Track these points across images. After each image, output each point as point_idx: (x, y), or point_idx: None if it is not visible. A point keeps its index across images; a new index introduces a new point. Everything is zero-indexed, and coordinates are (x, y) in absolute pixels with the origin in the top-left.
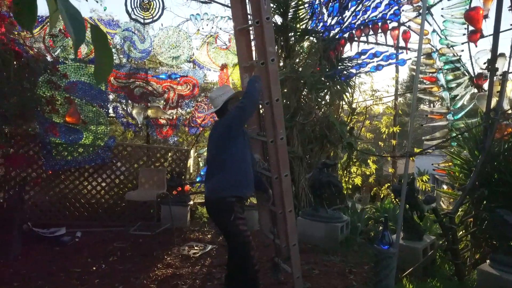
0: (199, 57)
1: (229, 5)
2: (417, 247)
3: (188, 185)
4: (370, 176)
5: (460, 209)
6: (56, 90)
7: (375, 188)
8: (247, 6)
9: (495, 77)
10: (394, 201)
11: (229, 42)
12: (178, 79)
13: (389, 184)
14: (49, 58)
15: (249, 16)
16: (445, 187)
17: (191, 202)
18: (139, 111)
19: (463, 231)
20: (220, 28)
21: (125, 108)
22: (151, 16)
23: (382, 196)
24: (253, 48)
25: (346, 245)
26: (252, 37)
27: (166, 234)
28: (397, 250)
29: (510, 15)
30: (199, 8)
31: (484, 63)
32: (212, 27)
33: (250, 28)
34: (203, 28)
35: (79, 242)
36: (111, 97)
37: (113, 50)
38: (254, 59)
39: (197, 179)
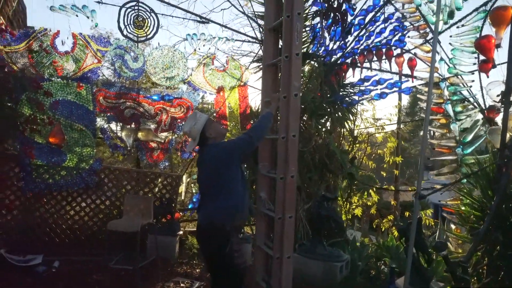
0: (194, 78)
1: (227, 25)
2: None
3: (178, 213)
4: (372, 206)
5: None
6: (38, 109)
7: (376, 220)
8: (279, 42)
9: (509, 111)
10: (399, 241)
11: (226, 64)
12: (172, 100)
13: (391, 217)
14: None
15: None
16: (453, 227)
17: (181, 232)
18: (128, 133)
19: (475, 280)
20: (218, 49)
21: (113, 130)
22: (145, 34)
23: (383, 228)
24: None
25: (345, 286)
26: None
27: (151, 267)
28: None
29: None
30: (196, 27)
31: (498, 95)
32: (209, 48)
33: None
34: (199, 49)
35: (55, 272)
36: (99, 118)
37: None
38: None
39: (189, 206)
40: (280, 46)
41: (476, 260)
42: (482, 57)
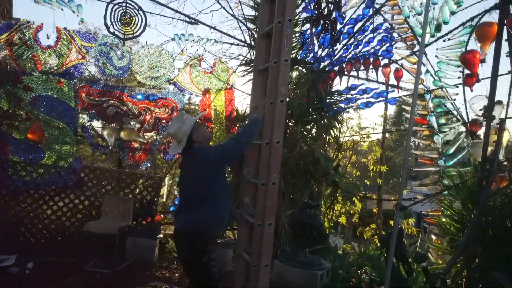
0: (180, 79)
1: (216, 27)
2: None
3: (159, 215)
4: (355, 214)
5: None
6: (16, 104)
7: (359, 228)
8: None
9: (491, 125)
10: (380, 251)
11: (214, 66)
12: (157, 101)
13: (374, 226)
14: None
15: None
16: (433, 237)
17: (161, 235)
18: (110, 132)
19: None
20: (206, 51)
21: (95, 128)
22: (132, 32)
23: (365, 237)
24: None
25: None
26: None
27: (129, 270)
28: None
29: (508, 61)
30: (184, 28)
31: (480, 110)
32: (197, 49)
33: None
34: (187, 49)
35: (28, 274)
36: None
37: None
38: None
39: (171, 209)
40: None
41: (455, 272)
42: (466, 71)
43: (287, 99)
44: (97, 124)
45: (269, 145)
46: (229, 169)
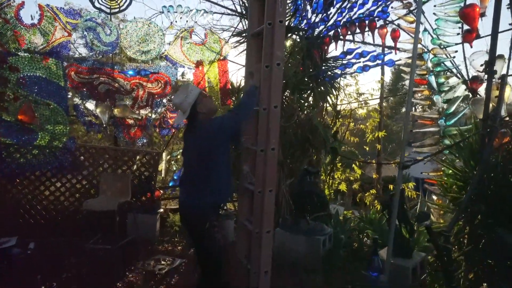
0: (171, 52)
1: None
2: (407, 265)
3: (158, 191)
4: (355, 181)
5: None
6: (2, 85)
7: (359, 194)
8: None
9: (493, 81)
10: (381, 213)
11: (205, 37)
12: (149, 75)
13: (374, 191)
14: None
15: None
16: (434, 197)
17: (161, 210)
18: (103, 109)
19: (456, 248)
20: (196, 22)
21: (87, 107)
22: (118, 6)
23: (366, 203)
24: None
25: (328, 261)
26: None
27: (130, 246)
28: (387, 279)
29: (509, 14)
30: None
31: (481, 65)
32: (187, 21)
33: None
34: (176, 22)
35: (30, 255)
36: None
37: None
38: None
39: (170, 184)
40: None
41: (458, 230)
42: (466, 27)
43: (283, 64)
44: (89, 105)
45: (267, 111)
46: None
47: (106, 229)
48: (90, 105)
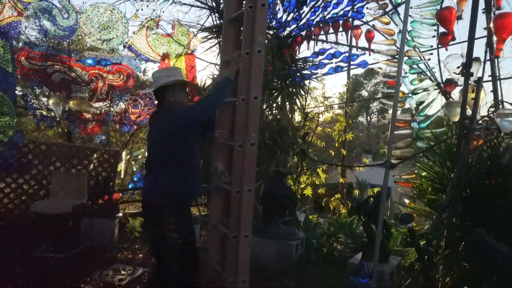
0: (136, 42)
1: None
2: (384, 270)
3: (117, 193)
4: (320, 186)
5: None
6: None
7: (325, 199)
8: None
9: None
10: (352, 218)
11: (172, 29)
12: (110, 66)
13: (339, 196)
14: None
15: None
16: (407, 201)
17: (120, 214)
18: (57, 101)
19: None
20: (163, 11)
21: (39, 97)
22: None
23: (331, 207)
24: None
25: (300, 266)
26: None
27: (86, 254)
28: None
29: (484, 18)
30: None
31: (458, 67)
32: (154, 10)
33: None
34: (142, 10)
35: None
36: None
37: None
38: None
39: (130, 186)
40: None
41: (435, 232)
42: (441, 30)
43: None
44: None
45: (246, 102)
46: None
47: (57, 235)
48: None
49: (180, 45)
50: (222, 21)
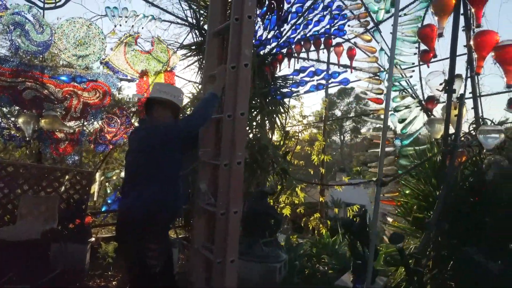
0: (114, 59)
1: (154, 2)
2: None
3: (89, 216)
4: (299, 205)
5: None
6: None
7: (304, 218)
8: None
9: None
10: (335, 238)
11: (152, 46)
12: (85, 83)
13: (318, 215)
14: None
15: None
16: (389, 219)
17: (93, 239)
18: (27, 120)
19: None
20: (142, 28)
21: (7, 115)
22: (54, 1)
23: (310, 227)
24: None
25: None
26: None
27: (56, 282)
28: None
29: (464, 36)
30: (117, 1)
31: (441, 84)
32: (132, 26)
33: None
34: (120, 25)
35: None
36: None
37: None
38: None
39: (103, 209)
40: (228, 11)
41: (421, 251)
42: (423, 47)
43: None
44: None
45: (232, 118)
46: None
47: (24, 264)
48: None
49: (159, 62)
50: (202, 39)
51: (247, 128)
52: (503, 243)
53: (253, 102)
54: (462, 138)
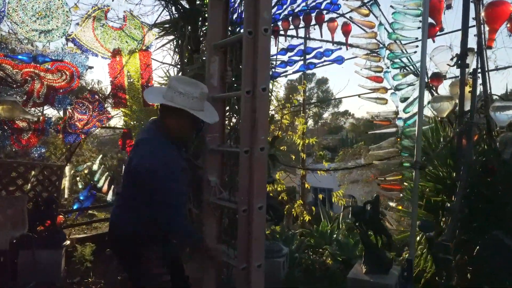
0: (81, 35)
1: None
2: (389, 283)
3: (60, 216)
4: (281, 192)
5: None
6: None
7: (287, 206)
8: None
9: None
10: (333, 226)
11: (124, 21)
12: (49, 63)
13: (301, 202)
14: None
15: None
16: (392, 204)
17: (68, 242)
18: None
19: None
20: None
21: None
22: None
23: (294, 214)
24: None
25: (285, 284)
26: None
27: None
28: None
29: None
30: None
31: (451, 59)
32: None
33: None
34: None
35: None
36: None
37: None
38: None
39: (75, 207)
40: None
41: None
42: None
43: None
44: None
45: (251, 95)
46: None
47: None
48: None
49: (133, 40)
50: (178, 16)
51: (231, 112)
52: None
53: (235, 84)
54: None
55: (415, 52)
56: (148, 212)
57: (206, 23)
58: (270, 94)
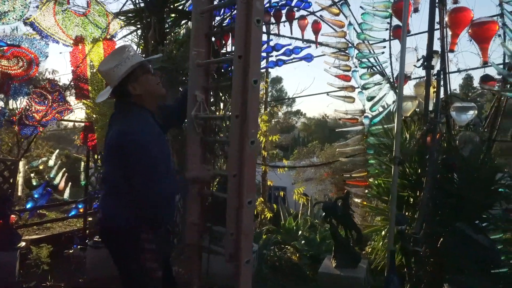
0: (40, 20)
1: None
2: (359, 276)
3: (13, 215)
4: None
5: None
6: None
7: None
8: None
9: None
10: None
11: (88, 7)
12: (4, 49)
13: (262, 200)
14: None
15: None
16: (357, 200)
17: (23, 243)
18: None
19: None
20: None
21: None
22: None
23: (255, 212)
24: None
25: (257, 282)
26: None
27: None
28: None
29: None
30: None
31: (418, 60)
32: None
33: None
34: None
35: None
36: None
37: None
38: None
39: (29, 205)
40: None
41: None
42: (395, 23)
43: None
44: None
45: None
46: None
47: None
48: None
49: (97, 28)
50: (144, 5)
51: None
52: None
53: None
54: (432, 115)
55: (383, 52)
56: (134, 196)
57: (172, 15)
58: None
